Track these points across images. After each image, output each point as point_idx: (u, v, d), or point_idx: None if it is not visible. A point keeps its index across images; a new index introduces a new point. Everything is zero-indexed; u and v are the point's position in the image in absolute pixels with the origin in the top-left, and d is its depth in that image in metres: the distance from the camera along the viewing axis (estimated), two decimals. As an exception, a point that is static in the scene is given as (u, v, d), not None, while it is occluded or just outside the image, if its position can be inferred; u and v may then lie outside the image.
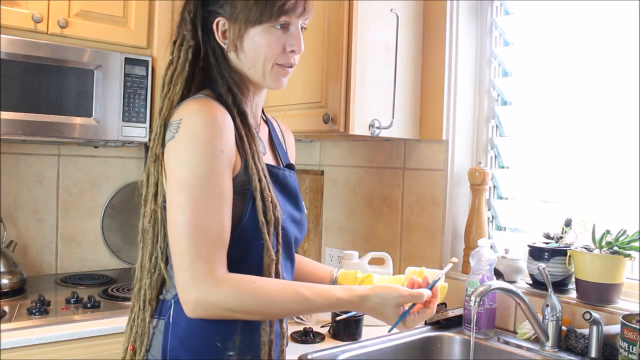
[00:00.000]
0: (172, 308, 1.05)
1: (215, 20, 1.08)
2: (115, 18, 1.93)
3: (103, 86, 1.86)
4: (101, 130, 1.87)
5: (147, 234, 1.07)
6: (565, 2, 1.68)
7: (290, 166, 1.22)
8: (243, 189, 1.03)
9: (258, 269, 1.03)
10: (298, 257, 1.30)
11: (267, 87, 1.13)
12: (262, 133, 1.20)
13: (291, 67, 1.11)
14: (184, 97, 1.07)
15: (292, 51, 1.08)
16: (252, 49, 1.07)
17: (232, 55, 1.09)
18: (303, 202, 1.21)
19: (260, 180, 1.03)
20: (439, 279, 1.12)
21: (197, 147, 0.98)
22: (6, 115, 1.69)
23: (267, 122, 1.25)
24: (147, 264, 1.07)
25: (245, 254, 1.04)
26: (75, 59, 1.81)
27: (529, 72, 1.82)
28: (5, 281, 1.83)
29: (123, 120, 1.90)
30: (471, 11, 1.89)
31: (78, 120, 1.82)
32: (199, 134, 0.98)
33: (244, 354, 1.05)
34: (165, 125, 1.04)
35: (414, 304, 1.06)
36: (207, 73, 1.11)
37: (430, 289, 1.09)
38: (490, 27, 1.90)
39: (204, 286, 0.95)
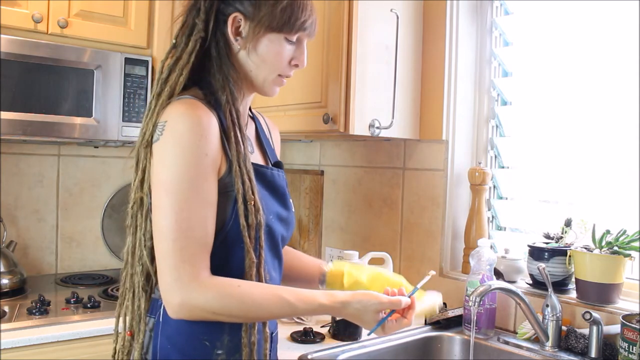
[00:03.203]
0: (162, 307, 1.05)
1: (232, 15, 1.06)
2: (115, 18, 1.93)
3: (103, 86, 1.86)
4: (101, 130, 1.87)
5: (136, 220, 1.08)
6: (565, 2, 1.68)
7: (278, 164, 1.22)
8: (227, 190, 1.03)
9: (240, 271, 1.03)
10: (289, 251, 1.30)
11: (261, 93, 1.14)
12: (249, 131, 1.20)
13: (288, 77, 1.14)
14: (185, 87, 1.07)
15: (296, 65, 1.11)
16: (263, 52, 1.07)
17: (241, 53, 1.08)
18: (291, 200, 1.20)
19: (243, 183, 1.03)
20: (417, 289, 1.14)
21: (181, 150, 0.98)
22: (6, 115, 1.69)
23: (253, 119, 1.24)
24: (139, 251, 1.07)
25: (229, 256, 1.04)
26: (75, 59, 1.81)
27: (529, 72, 1.82)
28: (5, 281, 1.83)
29: (123, 120, 1.90)
30: (471, 11, 1.89)
31: (78, 120, 1.82)
32: (183, 137, 0.98)
33: (232, 353, 1.06)
34: (159, 112, 1.04)
35: (392, 312, 1.08)
36: (203, 65, 1.09)
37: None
38: (490, 27, 1.90)
39: (189, 289, 0.96)
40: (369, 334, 1.12)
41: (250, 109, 1.23)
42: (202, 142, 0.99)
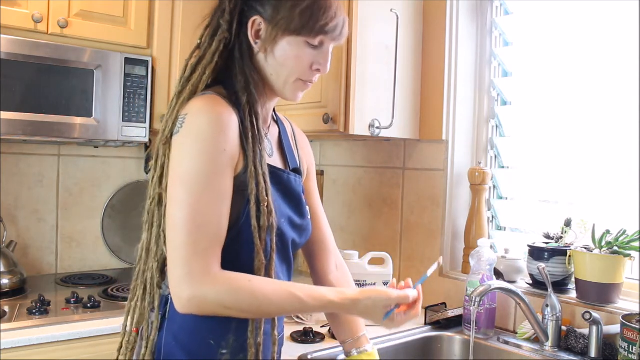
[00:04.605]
0: (169, 303, 1.04)
1: (252, 18, 1.05)
2: (115, 18, 1.93)
3: (103, 86, 1.86)
4: (101, 130, 1.87)
5: (153, 217, 1.06)
6: (565, 2, 1.68)
7: (296, 170, 1.20)
8: (243, 189, 1.03)
9: (248, 270, 1.02)
10: (341, 277, 1.30)
11: (283, 97, 1.12)
12: (272, 134, 1.19)
13: (311, 83, 1.11)
14: (208, 86, 1.06)
15: (318, 70, 1.09)
16: (281, 56, 1.05)
17: (260, 56, 1.07)
18: (307, 208, 1.19)
19: (258, 184, 1.02)
20: (425, 278, 1.14)
21: (199, 144, 0.98)
22: (6, 115, 1.69)
23: (277, 122, 1.23)
24: (154, 247, 1.06)
25: (238, 254, 1.03)
26: (75, 59, 1.81)
27: (529, 72, 1.82)
28: (5, 281, 1.83)
29: (123, 120, 1.90)
30: (471, 11, 1.89)
31: (78, 120, 1.82)
32: (202, 132, 0.98)
33: (236, 353, 1.05)
34: (179, 110, 1.03)
35: (397, 305, 1.09)
36: (228, 66, 1.09)
37: (414, 288, 1.13)
38: (490, 27, 1.90)
39: (200, 283, 0.95)
40: (383, 319, 1.09)
41: (275, 113, 1.22)
42: (221, 138, 0.99)
